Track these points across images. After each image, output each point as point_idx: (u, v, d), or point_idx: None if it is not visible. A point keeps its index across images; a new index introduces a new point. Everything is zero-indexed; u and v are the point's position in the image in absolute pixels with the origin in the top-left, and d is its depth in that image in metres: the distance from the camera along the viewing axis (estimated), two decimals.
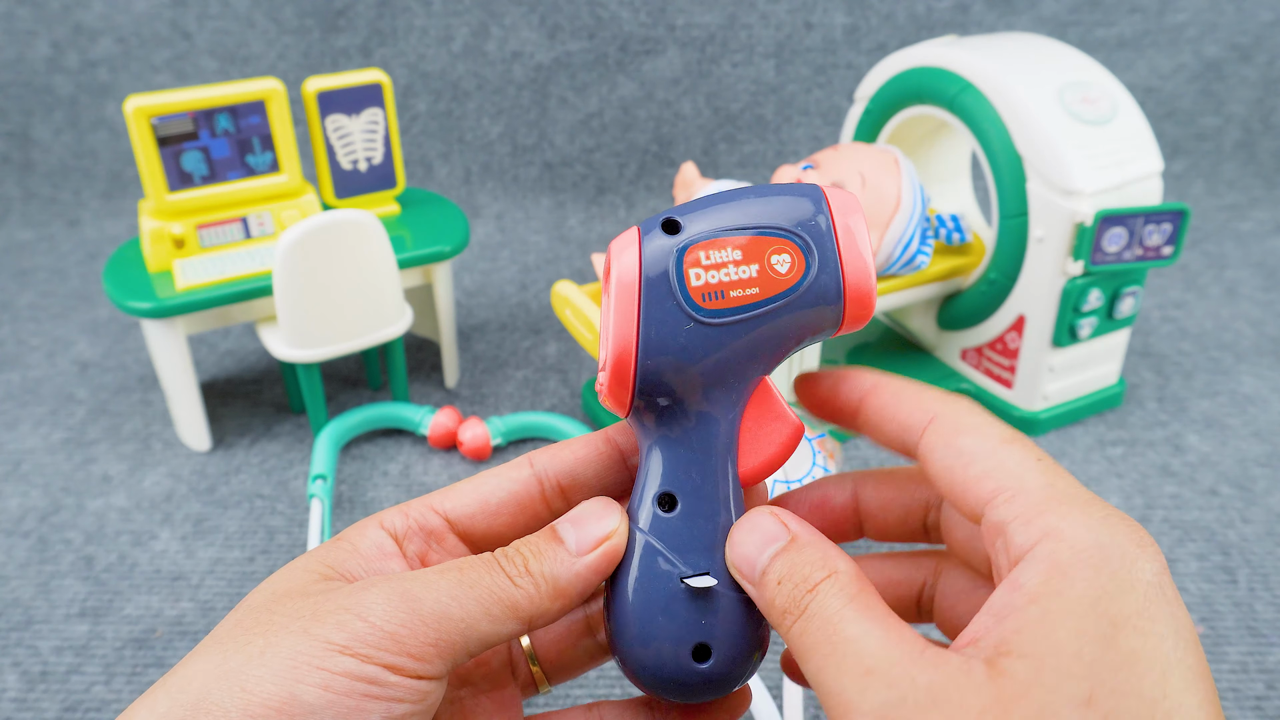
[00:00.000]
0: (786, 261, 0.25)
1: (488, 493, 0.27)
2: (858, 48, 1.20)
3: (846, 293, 0.25)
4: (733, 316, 0.25)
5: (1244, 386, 0.82)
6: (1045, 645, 0.19)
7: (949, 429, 0.24)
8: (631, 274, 0.25)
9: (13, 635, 0.59)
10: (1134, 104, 0.71)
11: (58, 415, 0.81)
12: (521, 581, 0.24)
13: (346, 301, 0.70)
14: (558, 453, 0.28)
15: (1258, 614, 0.59)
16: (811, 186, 0.26)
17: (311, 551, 0.26)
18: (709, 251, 0.25)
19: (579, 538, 0.25)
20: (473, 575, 0.24)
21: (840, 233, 0.25)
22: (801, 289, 0.25)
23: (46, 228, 1.17)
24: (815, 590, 0.22)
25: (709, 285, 0.24)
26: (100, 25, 1.18)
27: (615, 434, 0.28)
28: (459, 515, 0.27)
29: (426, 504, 0.27)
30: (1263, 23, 1.20)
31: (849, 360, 0.83)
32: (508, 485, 0.27)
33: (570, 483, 0.28)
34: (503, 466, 0.28)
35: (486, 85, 1.21)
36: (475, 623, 0.23)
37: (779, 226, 0.25)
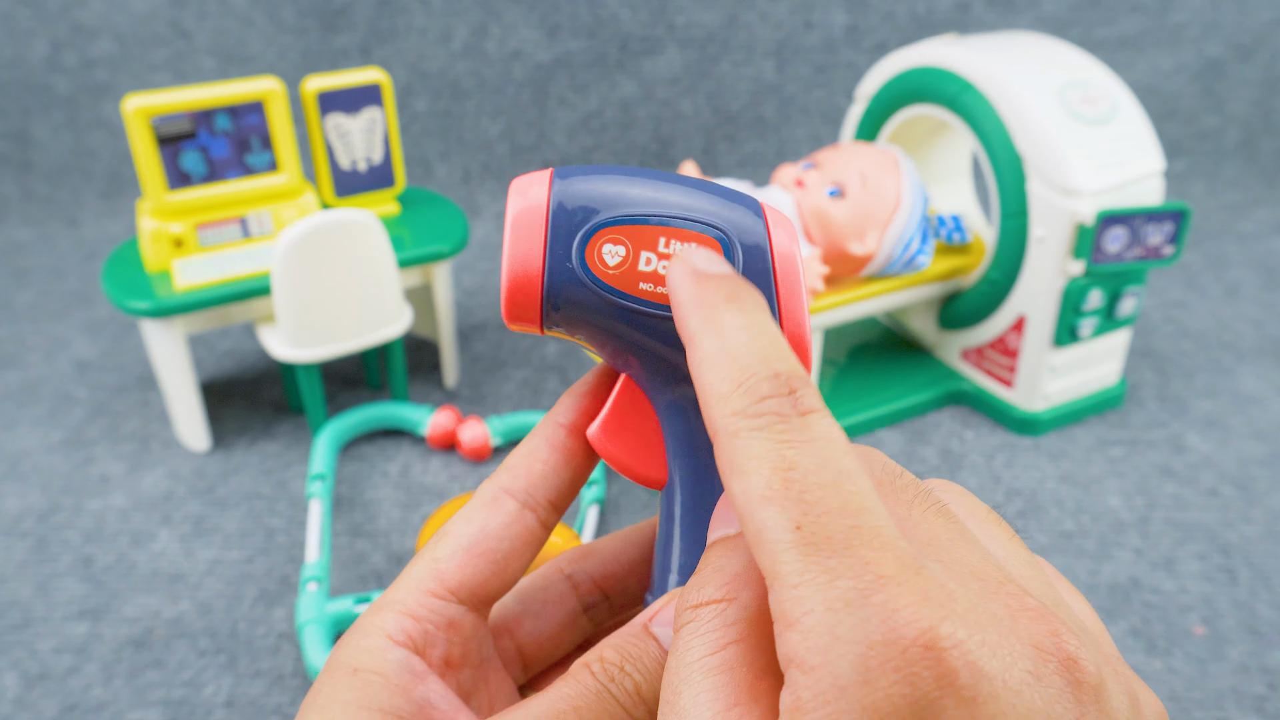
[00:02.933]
0: None
1: (490, 549, 0.24)
2: (858, 47, 1.20)
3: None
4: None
5: (1245, 386, 0.81)
6: None
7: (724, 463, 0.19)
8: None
9: (11, 635, 0.59)
10: (1135, 103, 0.71)
11: (56, 415, 0.80)
12: (637, 712, 0.21)
13: (346, 301, 0.70)
14: (531, 470, 0.25)
15: (1258, 614, 0.59)
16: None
17: (338, 691, 0.22)
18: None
19: None
20: (590, 715, 0.21)
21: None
22: None
23: (45, 227, 1.16)
24: (695, 613, 0.19)
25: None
26: (99, 24, 1.18)
27: (563, 418, 0.25)
28: (470, 588, 0.24)
29: (427, 590, 0.23)
30: (1263, 22, 1.20)
31: (848, 360, 0.83)
32: (507, 532, 0.24)
33: (557, 496, 0.25)
34: (480, 509, 0.24)
35: (486, 85, 1.21)
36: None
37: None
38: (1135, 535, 0.65)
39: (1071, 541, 0.65)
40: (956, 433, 0.76)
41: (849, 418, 0.75)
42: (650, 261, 0.22)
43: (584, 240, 0.22)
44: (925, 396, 0.78)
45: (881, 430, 0.76)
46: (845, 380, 0.80)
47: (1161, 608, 0.59)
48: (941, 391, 0.79)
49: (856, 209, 0.69)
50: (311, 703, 0.22)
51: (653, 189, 0.22)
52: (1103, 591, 0.61)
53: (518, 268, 0.22)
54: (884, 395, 0.78)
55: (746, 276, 0.22)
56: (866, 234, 0.69)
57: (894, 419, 0.77)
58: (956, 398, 0.80)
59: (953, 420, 0.78)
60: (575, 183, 0.22)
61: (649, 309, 0.22)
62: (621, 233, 0.22)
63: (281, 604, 0.61)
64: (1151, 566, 0.63)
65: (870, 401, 0.77)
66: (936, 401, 0.79)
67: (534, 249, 0.22)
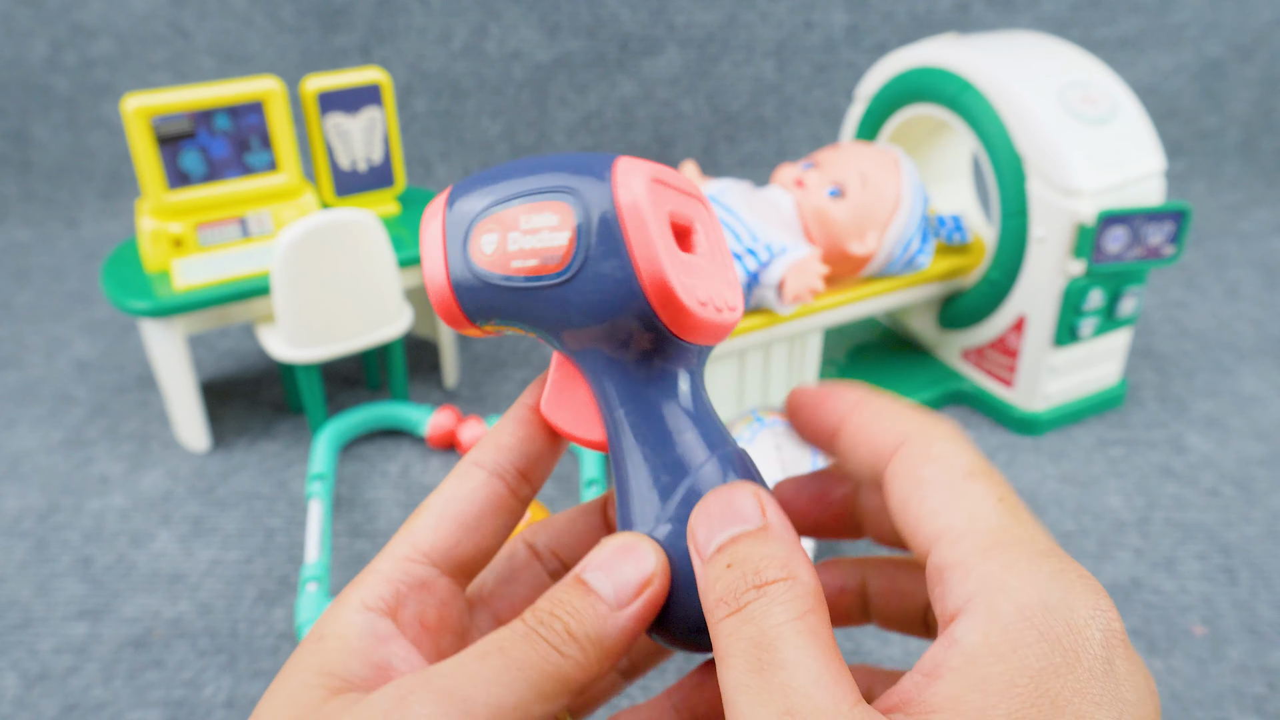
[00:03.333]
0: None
1: (460, 512, 0.25)
2: (858, 47, 1.20)
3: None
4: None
5: (1245, 386, 0.81)
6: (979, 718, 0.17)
7: (916, 456, 0.22)
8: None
9: (11, 635, 0.59)
10: (1135, 103, 0.71)
11: (56, 415, 0.80)
12: (568, 650, 0.21)
13: (346, 301, 0.70)
14: (499, 442, 0.26)
15: (1258, 614, 0.59)
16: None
17: (299, 659, 0.22)
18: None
19: (616, 588, 0.22)
20: (517, 655, 0.21)
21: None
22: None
23: (45, 227, 1.16)
24: (763, 590, 0.20)
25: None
26: (99, 24, 1.18)
27: (531, 400, 0.26)
28: (443, 550, 0.24)
29: (402, 555, 0.24)
30: (1263, 22, 1.20)
31: (848, 360, 0.83)
32: (476, 495, 0.25)
33: (526, 465, 0.26)
34: (451, 479, 0.25)
35: (486, 85, 1.21)
36: (530, 707, 0.21)
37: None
38: (1135, 535, 0.65)
39: (1071, 541, 0.65)
40: None
41: None
42: (516, 240, 0.23)
43: (465, 238, 0.24)
44: (925, 396, 0.78)
45: None
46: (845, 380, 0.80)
47: (1161, 608, 0.59)
48: (941, 391, 0.79)
49: (856, 209, 0.69)
50: (280, 671, 0.22)
51: (516, 175, 0.24)
52: None
53: (431, 282, 0.24)
54: None
55: (599, 232, 0.23)
56: (866, 234, 0.69)
57: None
58: (956, 398, 0.80)
59: (953, 420, 0.78)
60: (462, 192, 0.24)
61: (524, 283, 0.23)
62: (491, 222, 0.24)
63: (281, 604, 0.61)
64: (1151, 566, 0.63)
65: None
66: (936, 401, 0.79)
67: (436, 262, 0.24)
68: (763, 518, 0.22)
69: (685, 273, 0.23)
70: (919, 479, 0.21)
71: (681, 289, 0.23)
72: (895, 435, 0.22)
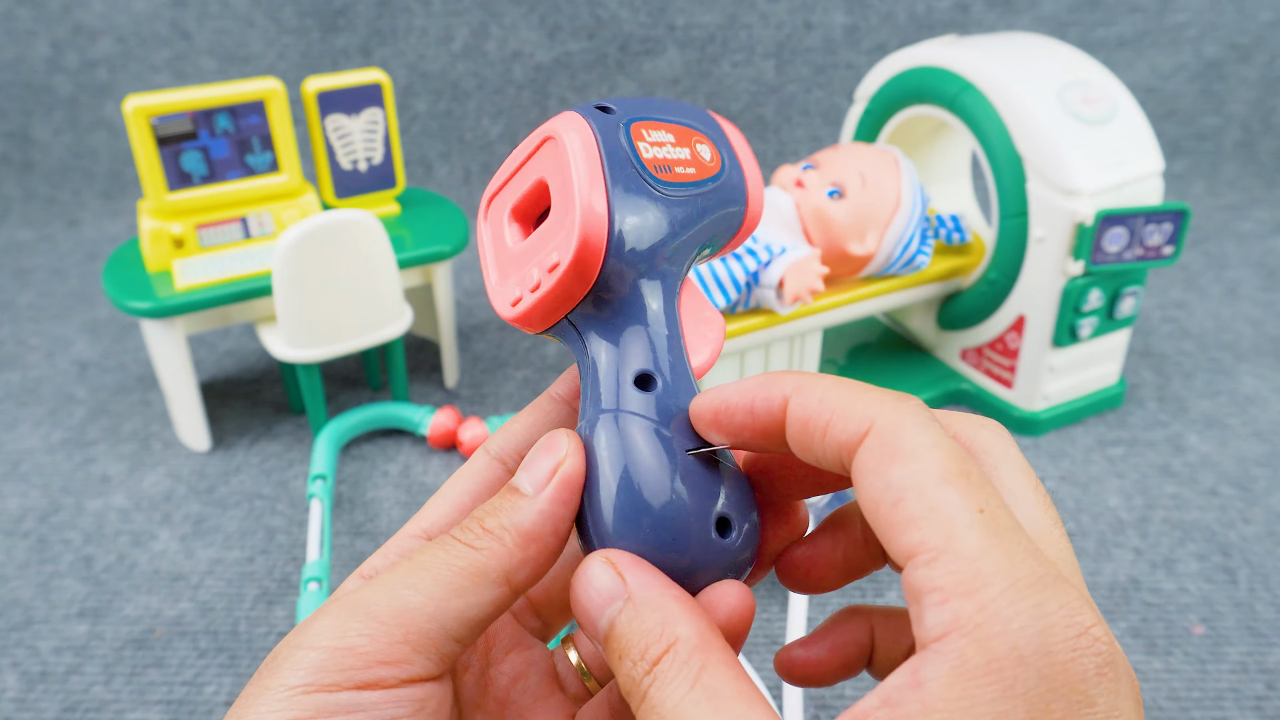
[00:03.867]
0: (708, 152, 0.26)
1: (458, 495, 0.25)
2: (858, 48, 1.20)
3: (749, 194, 0.26)
4: (684, 191, 0.25)
5: (1244, 386, 0.81)
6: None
7: (884, 450, 0.19)
8: (591, 145, 0.23)
9: (12, 635, 0.59)
10: (1134, 104, 0.71)
11: (57, 415, 0.80)
12: (481, 542, 0.22)
13: (346, 301, 0.70)
14: (509, 429, 0.26)
15: (1258, 614, 0.59)
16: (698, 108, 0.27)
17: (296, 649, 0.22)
18: (649, 130, 0.25)
19: (532, 477, 0.23)
20: (426, 557, 0.22)
21: (734, 141, 0.27)
22: (722, 179, 0.26)
23: (46, 228, 1.16)
24: (653, 673, 0.20)
25: (658, 159, 0.24)
26: (100, 25, 1.18)
27: (557, 390, 0.27)
28: (441, 526, 0.25)
29: (404, 535, 0.25)
30: (1263, 23, 1.20)
31: (849, 360, 0.83)
32: (474, 479, 0.26)
33: (528, 447, 0.26)
34: (462, 466, 0.26)
35: (486, 85, 1.21)
36: (444, 603, 0.21)
37: (696, 121, 0.26)
38: (1135, 535, 0.65)
39: (1071, 541, 0.65)
40: None
41: None
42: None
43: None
44: (925, 396, 0.78)
45: None
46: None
47: (1161, 608, 0.60)
48: (941, 391, 0.79)
49: (856, 209, 0.69)
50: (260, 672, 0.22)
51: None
52: (1103, 591, 0.61)
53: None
54: None
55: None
56: (866, 234, 0.69)
57: None
58: (956, 398, 0.80)
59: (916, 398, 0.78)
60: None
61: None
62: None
63: (282, 604, 0.61)
64: (1151, 566, 0.63)
65: None
66: (936, 401, 0.79)
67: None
68: (624, 585, 0.21)
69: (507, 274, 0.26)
70: (889, 481, 0.19)
71: (499, 302, 0.26)
72: (857, 419, 0.20)
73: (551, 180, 0.24)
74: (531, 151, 0.25)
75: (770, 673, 0.55)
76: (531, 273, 0.24)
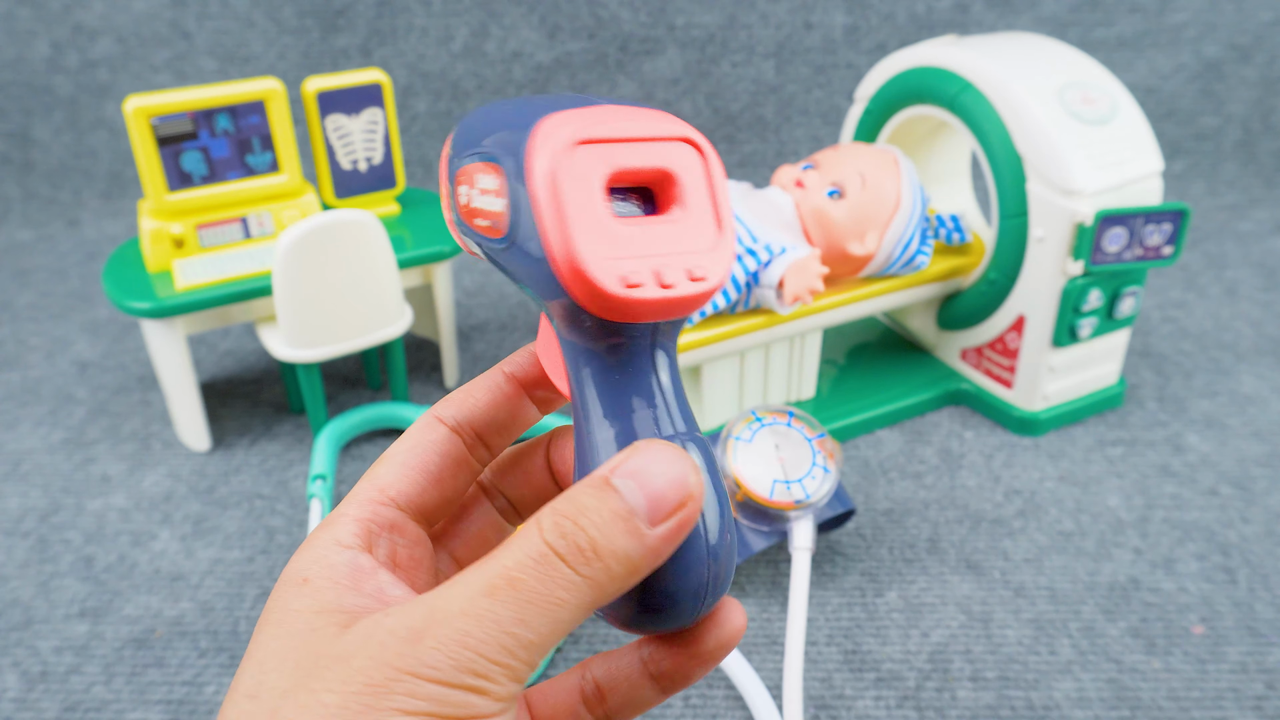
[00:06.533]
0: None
1: (424, 463, 0.24)
2: (858, 48, 1.20)
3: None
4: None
5: (1244, 386, 0.82)
6: None
7: None
8: None
9: (13, 635, 0.59)
10: (1134, 104, 0.71)
11: (57, 415, 0.80)
12: (590, 569, 0.20)
13: (346, 301, 0.70)
14: (463, 401, 0.25)
15: (1258, 614, 0.59)
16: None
17: (286, 604, 0.21)
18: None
19: (653, 505, 0.20)
20: (531, 587, 0.19)
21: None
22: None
23: (46, 228, 1.17)
24: None
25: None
26: (100, 25, 1.18)
27: (509, 368, 0.26)
28: (408, 496, 0.24)
29: (367, 498, 0.24)
30: (1263, 23, 1.20)
31: (849, 360, 0.83)
32: (439, 448, 0.25)
33: (485, 430, 0.26)
34: (414, 430, 0.25)
35: (486, 85, 1.21)
36: (547, 642, 0.19)
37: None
38: (1135, 535, 0.65)
39: (1071, 541, 0.65)
40: (956, 433, 0.76)
41: (849, 418, 0.75)
42: (473, 197, 0.23)
43: (452, 184, 0.24)
44: (925, 396, 0.78)
45: (881, 430, 0.76)
46: (845, 380, 0.80)
47: (1161, 607, 0.60)
48: (941, 391, 0.79)
49: (856, 209, 0.69)
50: (265, 620, 0.21)
51: (487, 121, 0.23)
52: (1102, 591, 0.61)
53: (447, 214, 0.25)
54: (884, 395, 0.78)
55: (523, 205, 0.21)
56: (866, 234, 0.69)
57: (894, 419, 0.77)
58: (956, 398, 0.80)
59: (952, 420, 0.78)
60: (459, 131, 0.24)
61: (482, 241, 0.23)
62: (462, 174, 0.23)
63: None
64: (1151, 566, 0.63)
65: (870, 401, 0.77)
66: (936, 401, 0.79)
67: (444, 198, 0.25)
68: None
69: (621, 246, 0.21)
70: None
71: (600, 271, 0.20)
72: None
73: (687, 183, 0.23)
74: (660, 137, 0.22)
75: (770, 672, 0.55)
76: (667, 269, 0.21)
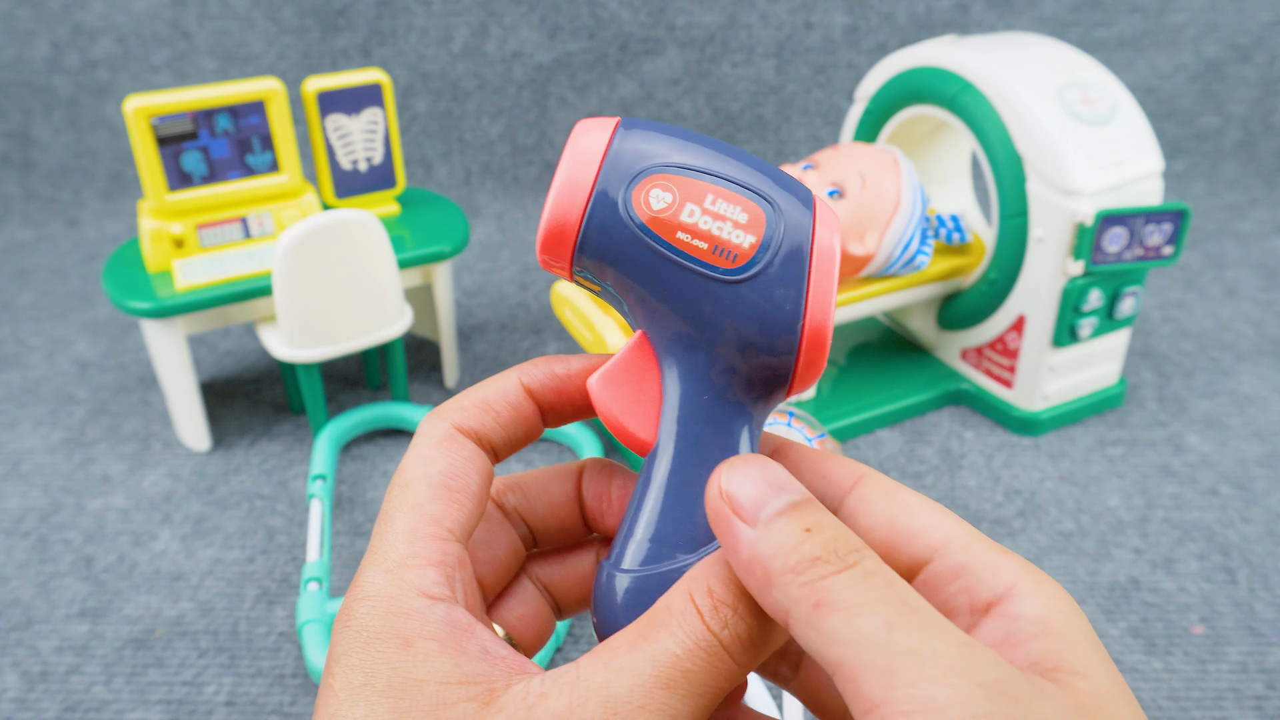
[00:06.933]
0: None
1: (466, 486, 0.23)
2: (858, 48, 1.20)
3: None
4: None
5: (1244, 386, 0.81)
6: (1090, 666, 0.18)
7: (884, 487, 0.22)
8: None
9: (13, 635, 0.59)
10: (1134, 104, 0.71)
11: (57, 415, 0.80)
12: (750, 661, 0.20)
13: (346, 301, 0.70)
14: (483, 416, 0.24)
15: (1258, 614, 0.59)
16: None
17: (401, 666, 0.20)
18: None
19: None
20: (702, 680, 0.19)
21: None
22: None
23: (46, 228, 1.16)
24: (863, 551, 0.19)
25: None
26: (100, 25, 1.18)
27: (528, 380, 0.24)
28: (463, 525, 0.23)
29: (431, 533, 0.22)
30: (1263, 23, 1.20)
31: (848, 360, 0.83)
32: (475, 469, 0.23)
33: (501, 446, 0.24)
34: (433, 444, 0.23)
35: (486, 85, 1.21)
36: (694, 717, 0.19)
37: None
38: (1135, 535, 0.65)
39: (1071, 541, 0.65)
40: (956, 433, 0.76)
41: (849, 418, 0.75)
42: (693, 214, 0.22)
43: (633, 180, 0.22)
44: (925, 396, 0.78)
45: (881, 430, 0.76)
46: (845, 380, 0.80)
47: (1161, 607, 0.60)
48: (941, 391, 0.79)
49: (856, 209, 0.69)
50: (375, 688, 0.19)
51: (713, 152, 0.23)
52: (1103, 591, 0.61)
53: (563, 200, 0.22)
54: (884, 395, 0.78)
55: (783, 260, 0.22)
56: (866, 234, 0.69)
57: (894, 419, 0.77)
58: (956, 398, 0.80)
59: (952, 420, 0.78)
60: (639, 131, 0.23)
61: (680, 259, 0.22)
62: (672, 181, 0.22)
63: (282, 604, 0.61)
64: (1151, 566, 0.63)
65: (870, 401, 0.77)
66: (936, 401, 0.79)
67: (582, 184, 0.22)
68: (802, 489, 0.20)
69: None
70: (902, 502, 0.22)
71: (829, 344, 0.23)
72: (850, 472, 0.23)
73: None
74: None
75: None
76: None
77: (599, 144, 0.23)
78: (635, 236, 0.22)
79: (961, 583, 0.20)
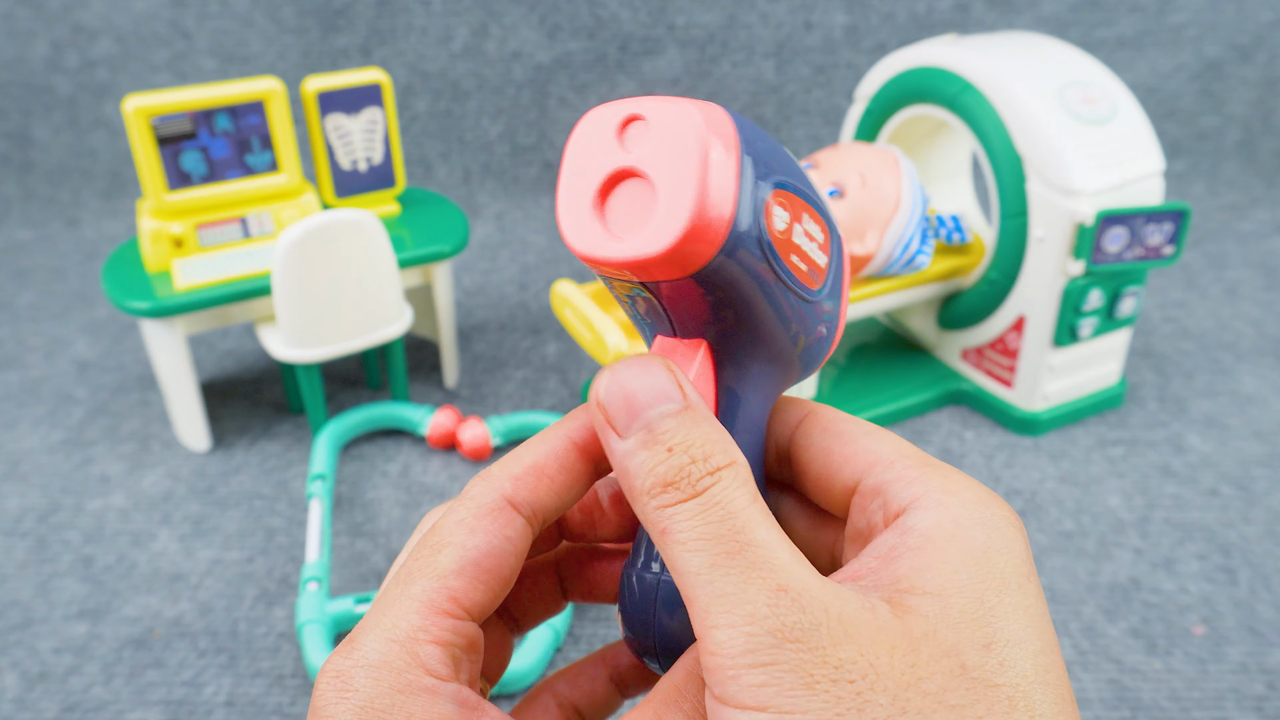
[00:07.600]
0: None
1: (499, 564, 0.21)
2: (858, 48, 1.20)
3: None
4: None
5: (1244, 386, 0.81)
6: (949, 586, 0.18)
7: (826, 418, 0.23)
8: None
9: (12, 635, 0.59)
10: (1134, 104, 0.71)
11: (57, 415, 0.80)
12: None
13: (346, 301, 0.70)
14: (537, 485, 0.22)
15: (1258, 614, 0.59)
16: None
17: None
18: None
19: None
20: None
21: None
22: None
23: (46, 227, 1.16)
24: (717, 475, 0.18)
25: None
26: (100, 25, 1.18)
27: (579, 437, 0.22)
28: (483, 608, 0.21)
29: (443, 609, 0.20)
30: (1263, 23, 1.20)
31: (849, 360, 0.83)
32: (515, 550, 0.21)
33: (555, 515, 0.23)
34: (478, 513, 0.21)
35: (486, 85, 1.21)
36: None
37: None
38: (1135, 535, 0.65)
39: (1071, 541, 0.65)
40: (956, 433, 0.76)
41: None
42: (799, 235, 0.20)
43: (763, 197, 0.19)
44: (925, 396, 0.78)
45: None
46: (845, 380, 0.80)
47: (1161, 608, 0.60)
48: (941, 391, 0.79)
49: (856, 209, 0.69)
50: None
51: (794, 161, 0.21)
52: (1103, 591, 0.61)
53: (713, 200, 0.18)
54: (884, 395, 0.78)
55: (835, 273, 0.22)
56: (866, 234, 0.69)
57: (894, 419, 0.77)
58: (956, 398, 0.80)
59: (952, 420, 0.78)
60: (751, 136, 0.20)
61: (788, 280, 0.20)
62: (786, 198, 0.20)
63: (282, 604, 0.61)
64: (1151, 566, 0.63)
65: (870, 401, 0.77)
66: (936, 401, 0.79)
67: (728, 184, 0.19)
68: (683, 395, 0.19)
69: None
70: (837, 431, 0.22)
71: None
72: (796, 412, 0.23)
73: None
74: None
75: None
76: None
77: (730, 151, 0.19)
78: (760, 252, 0.19)
79: (880, 499, 0.21)
